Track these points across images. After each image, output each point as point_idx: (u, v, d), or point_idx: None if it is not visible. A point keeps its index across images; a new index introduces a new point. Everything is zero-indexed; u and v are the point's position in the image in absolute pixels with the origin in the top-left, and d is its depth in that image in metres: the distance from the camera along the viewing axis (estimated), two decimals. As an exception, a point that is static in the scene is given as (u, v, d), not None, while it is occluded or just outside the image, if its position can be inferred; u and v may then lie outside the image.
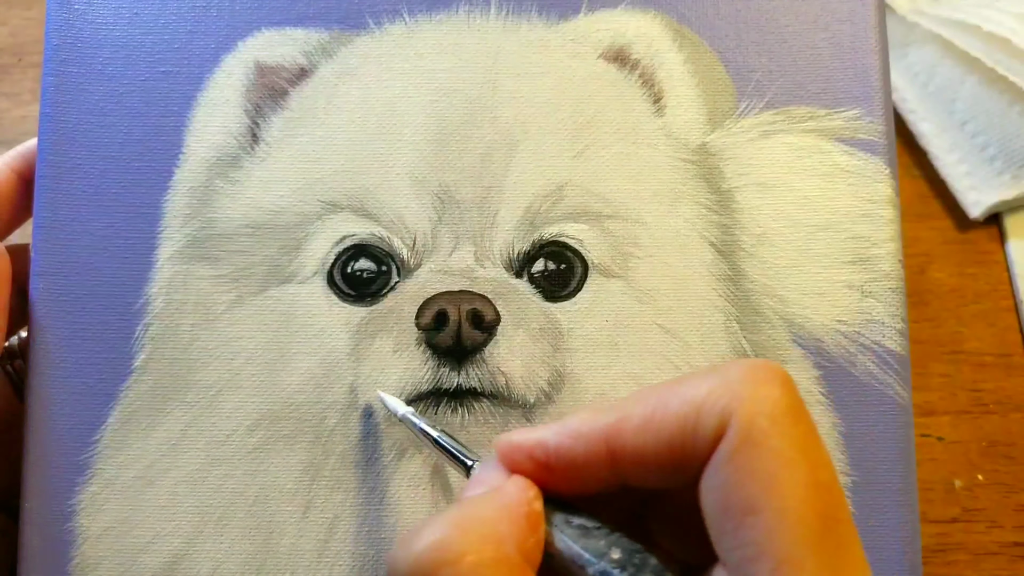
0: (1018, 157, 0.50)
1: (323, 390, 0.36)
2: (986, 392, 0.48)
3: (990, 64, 0.51)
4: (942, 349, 0.48)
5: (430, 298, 0.36)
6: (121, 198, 0.37)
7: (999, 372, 0.48)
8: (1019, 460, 0.47)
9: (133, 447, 0.36)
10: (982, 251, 0.51)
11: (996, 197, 0.50)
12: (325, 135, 0.38)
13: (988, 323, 0.49)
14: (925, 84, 0.53)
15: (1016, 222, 0.51)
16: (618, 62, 0.39)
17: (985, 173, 0.51)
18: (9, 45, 0.54)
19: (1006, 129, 0.51)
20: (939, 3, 0.55)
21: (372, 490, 0.35)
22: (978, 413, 0.47)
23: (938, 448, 0.46)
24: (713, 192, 0.38)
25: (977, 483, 0.46)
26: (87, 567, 0.35)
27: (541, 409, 0.36)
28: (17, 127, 0.53)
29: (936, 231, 0.51)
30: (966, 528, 0.45)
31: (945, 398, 0.47)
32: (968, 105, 0.52)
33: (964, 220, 0.51)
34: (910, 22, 0.54)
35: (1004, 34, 0.51)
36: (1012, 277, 0.50)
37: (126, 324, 0.37)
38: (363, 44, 0.39)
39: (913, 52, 0.54)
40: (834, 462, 0.35)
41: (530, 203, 0.37)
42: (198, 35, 0.39)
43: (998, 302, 0.50)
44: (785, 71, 0.39)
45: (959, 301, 0.49)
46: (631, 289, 0.37)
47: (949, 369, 0.48)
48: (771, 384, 0.26)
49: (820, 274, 0.38)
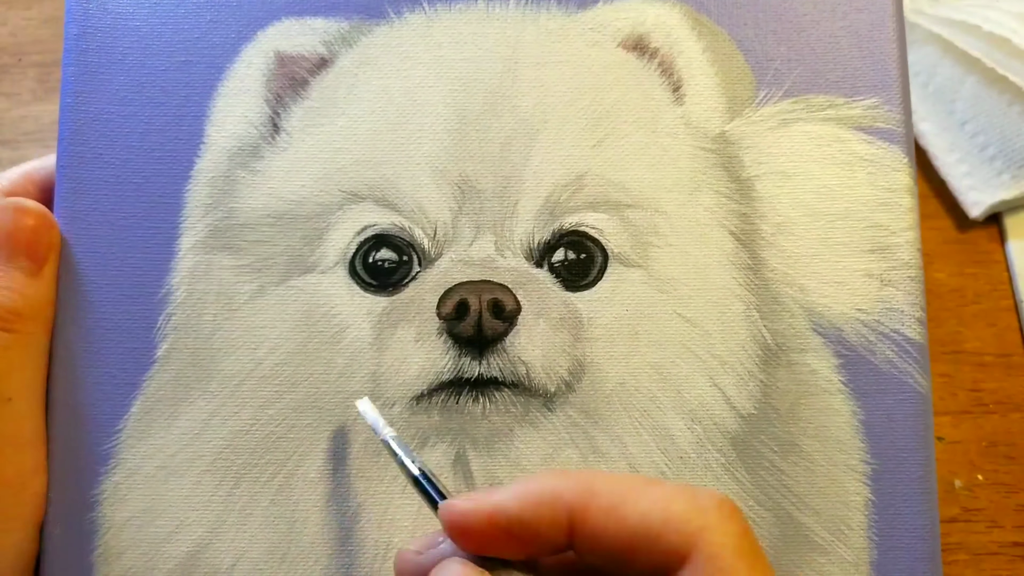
0: (1018, 157, 0.50)
1: (345, 379, 0.36)
2: (986, 392, 0.48)
3: (990, 64, 0.51)
4: (942, 349, 0.48)
5: (451, 288, 0.36)
6: (142, 188, 0.37)
7: (999, 372, 0.48)
8: (1019, 460, 0.47)
9: (156, 437, 0.36)
10: (982, 251, 0.51)
11: (996, 197, 0.50)
12: (346, 125, 0.38)
13: (988, 323, 0.49)
14: (925, 84, 0.53)
15: (1016, 222, 0.51)
16: (637, 51, 0.39)
17: (985, 173, 0.51)
18: (9, 45, 0.54)
19: (1006, 129, 0.51)
20: (939, 3, 0.55)
21: (394, 478, 0.35)
22: (978, 413, 0.47)
23: (938, 448, 0.46)
24: (733, 181, 0.38)
25: (977, 483, 0.46)
26: (110, 556, 0.35)
27: (561, 398, 0.36)
28: (17, 127, 0.52)
29: (936, 231, 0.51)
30: (966, 528, 0.45)
31: (945, 398, 0.47)
32: (968, 105, 0.52)
33: (964, 220, 0.51)
34: (910, 22, 0.54)
35: (1004, 34, 0.51)
36: (1012, 277, 0.50)
37: (148, 314, 0.37)
38: (383, 34, 0.39)
39: (913, 52, 0.54)
40: (854, 450, 0.36)
41: (550, 193, 0.37)
42: (218, 24, 0.39)
43: (998, 302, 0.50)
44: (804, 60, 0.39)
45: (959, 301, 0.49)
46: (651, 278, 0.37)
47: (949, 369, 0.48)
48: (735, 521, 0.28)
49: (839, 263, 0.38)
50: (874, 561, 0.36)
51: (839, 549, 0.36)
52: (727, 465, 0.36)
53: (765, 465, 0.36)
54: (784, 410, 0.37)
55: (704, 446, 0.36)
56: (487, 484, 0.36)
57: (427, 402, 0.36)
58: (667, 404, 0.36)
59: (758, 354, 0.37)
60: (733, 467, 0.36)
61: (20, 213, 0.36)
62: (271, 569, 0.35)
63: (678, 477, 0.36)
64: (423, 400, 0.36)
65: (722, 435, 0.36)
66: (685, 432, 0.36)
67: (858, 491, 0.36)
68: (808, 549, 0.36)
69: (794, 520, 0.36)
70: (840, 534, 0.36)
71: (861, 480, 0.36)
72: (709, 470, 0.36)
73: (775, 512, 0.36)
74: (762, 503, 0.36)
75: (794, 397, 0.37)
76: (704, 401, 0.36)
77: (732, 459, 0.36)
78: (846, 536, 0.36)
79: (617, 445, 0.36)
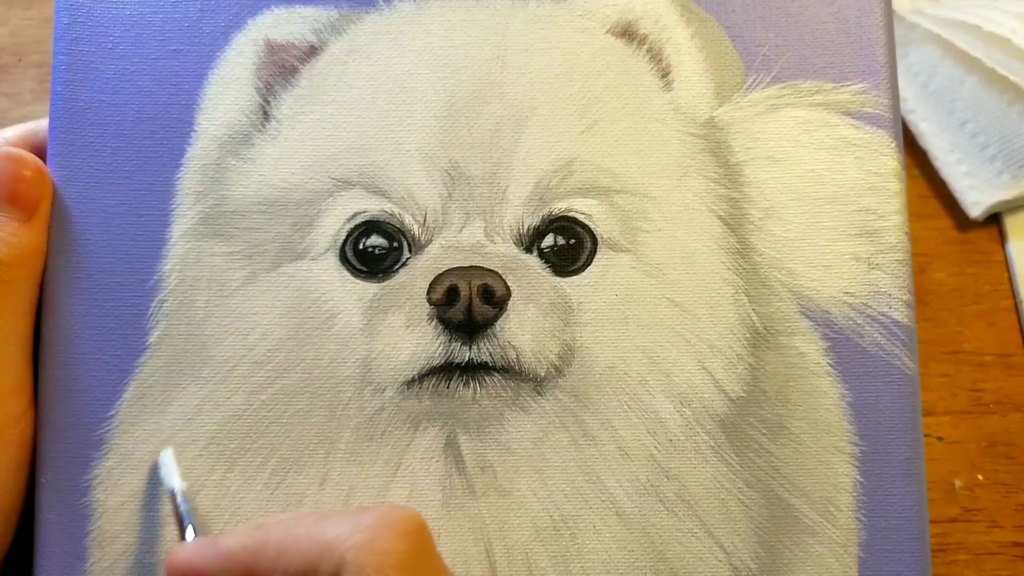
0: (1018, 157, 0.50)
1: (337, 365, 0.36)
2: (986, 392, 0.48)
3: (990, 64, 0.51)
4: (942, 349, 0.48)
5: (441, 274, 0.36)
6: (133, 176, 0.38)
7: (999, 372, 0.48)
8: (1019, 460, 0.47)
9: (149, 422, 0.36)
10: (982, 251, 0.51)
11: (996, 197, 0.50)
12: (335, 112, 0.38)
13: (988, 323, 0.49)
14: (925, 84, 0.53)
15: (1016, 222, 0.51)
16: (626, 37, 0.39)
17: (985, 173, 0.51)
18: (9, 45, 0.54)
19: (1006, 129, 0.51)
20: (939, 3, 0.55)
21: (387, 462, 0.36)
22: (978, 413, 0.47)
23: (938, 448, 0.47)
24: (721, 166, 0.38)
25: (977, 483, 0.46)
26: (104, 541, 0.36)
27: (551, 382, 0.36)
28: (17, 127, 0.52)
29: (936, 231, 0.51)
30: (966, 528, 0.45)
31: (945, 398, 0.48)
32: (968, 105, 0.52)
33: (964, 220, 0.51)
34: (910, 22, 0.54)
35: (1004, 34, 0.51)
36: (1012, 277, 0.50)
37: (140, 301, 0.37)
38: (372, 21, 0.39)
39: (913, 52, 0.54)
40: (842, 432, 0.37)
41: (539, 178, 0.37)
42: (208, 13, 0.39)
43: (998, 302, 0.50)
44: (792, 45, 0.39)
45: (959, 301, 0.49)
46: (640, 263, 0.37)
47: (949, 369, 0.48)
48: (394, 537, 0.28)
49: (827, 247, 0.38)
50: (862, 542, 0.36)
51: (828, 530, 0.36)
52: (716, 448, 0.36)
53: (754, 447, 0.36)
54: (773, 393, 0.37)
55: (693, 429, 0.36)
56: (478, 468, 0.36)
57: (418, 387, 0.36)
58: (656, 387, 0.36)
59: (747, 337, 0.37)
60: (722, 449, 0.36)
61: (16, 162, 0.36)
62: (264, 553, 0.35)
63: (668, 460, 0.36)
64: (414, 385, 0.36)
65: (711, 418, 0.36)
66: (675, 415, 0.36)
67: (846, 472, 0.36)
68: (797, 530, 0.36)
69: (783, 501, 0.36)
70: (829, 515, 0.36)
71: (849, 462, 0.37)
72: (698, 453, 0.36)
73: (764, 494, 0.36)
74: (751, 485, 0.36)
75: (783, 380, 0.37)
76: (693, 384, 0.37)
77: (721, 442, 0.36)
78: (834, 517, 0.36)
79: (607, 429, 0.36)
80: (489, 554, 0.36)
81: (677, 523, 0.36)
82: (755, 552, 0.36)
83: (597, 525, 0.36)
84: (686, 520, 0.36)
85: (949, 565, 0.45)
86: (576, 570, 0.36)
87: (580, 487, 0.36)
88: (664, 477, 0.36)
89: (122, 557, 0.36)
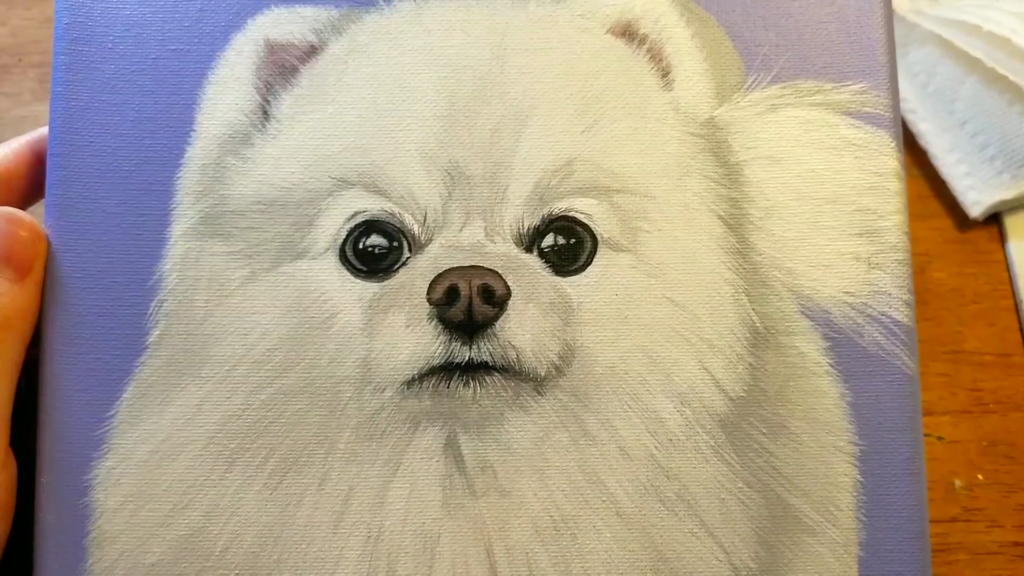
0: (1018, 157, 0.50)
1: (336, 364, 0.36)
2: (986, 392, 0.48)
3: (990, 64, 0.51)
4: (942, 349, 0.48)
5: (441, 273, 0.36)
6: (133, 176, 0.38)
7: (999, 372, 0.48)
8: (1019, 460, 0.47)
9: (148, 422, 0.36)
10: (982, 251, 0.51)
11: (996, 197, 0.50)
12: (335, 112, 0.38)
13: (988, 323, 0.49)
14: (925, 84, 0.53)
15: (1016, 222, 0.51)
16: (626, 37, 0.39)
17: (985, 173, 0.51)
18: (9, 45, 0.54)
19: (1006, 129, 0.51)
20: (939, 3, 0.55)
21: (386, 462, 0.36)
22: (978, 413, 0.47)
23: (938, 448, 0.47)
24: (721, 166, 0.38)
25: (977, 483, 0.46)
26: (104, 541, 0.36)
27: (552, 382, 0.36)
28: (17, 127, 0.52)
29: (936, 231, 0.51)
30: (966, 528, 0.45)
31: (945, 398, 0.48)
32: (968, 105, 0.52)
33: (964, 220, 0.51)
34: (910, 22, 0.54)
35: (1004, 34, 0.51)
36: (1012, 277, 0.50)
37: (140, 300, 0.37)
38: (372, 21, 0.39)
39: (913, 52, 0.54)
40: (842, 431, 0.37)
41: (539, 178, 0.37)
42: (208, 13, 0.39)
43: (998, 302, 0.50)
44: (792, 45, 0.39)
45: (959, 301, 0.49)
46: (640, 263, 0.37)
47: (949, 369, 0.48)
48: None
49: (827, 246, 0.38)
50: (863, 541, 0.36)
51: (828, 530, 0.36)
52: (716, 447, 0.36)
53: (754, 447, 0.36)
54: (773, 392, 0.37)
55: (693, 428, 0.36)
56: (478, 468, 0.36)
57: (418, 387, 0.36)
58: (657, 387, 0.36)
59: (747, 337, 0.37)
60: (722, 449, 0.36)
61: (12, 222, 0.37)
62: (264, 552, 0.35)
63: (668, 460, 0.36)
64: (414, 385, 0.36)
65: (711, 417, 0.36)
66: (675, 415, 0.36)
67: (846, 472, 0.36)
68: (798, 530, 0.36)
69: (783, 501, 0.36)
70: (829, 515, 0.36)
71: (849, 461, 0.37)
72: (699, 452, 0.36)
73: (764, 494, 0.36)
74: (752, 485, 0.36)
75: (783, 379, 0.37)
76: (693, 384, 0.37)
77: (721, 441, 0.36)
78: (835, 517, 0.36)
79: (607, 428, 0.36)
80: (489, 554, 0.36)
81: (677, 523, 0.36)
82: (755, 552, 0.36)
83: (597, 525, 0.36)
84: (686, 520, 0.36)
85: (949, 565, 0.45)
86: (576, 570, 0.36)
87: (580, 487, 0.36)
88: (664, 477, 0.36)
89: (122, 557, 0.35)
